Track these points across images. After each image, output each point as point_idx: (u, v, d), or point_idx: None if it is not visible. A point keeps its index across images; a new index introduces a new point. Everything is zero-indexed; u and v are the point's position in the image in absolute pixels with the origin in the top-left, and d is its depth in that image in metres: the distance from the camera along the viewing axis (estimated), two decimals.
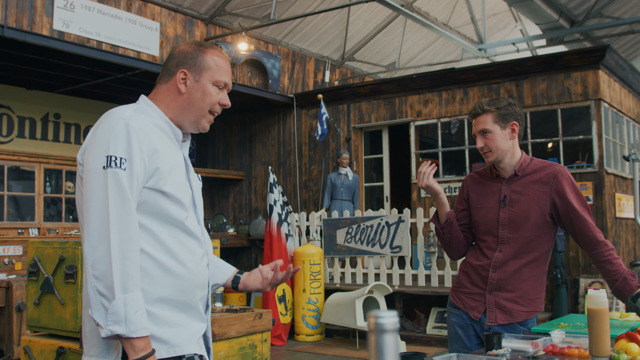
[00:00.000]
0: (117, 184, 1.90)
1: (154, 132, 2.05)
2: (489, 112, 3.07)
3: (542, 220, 2.98)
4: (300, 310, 8.81)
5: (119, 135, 1.95)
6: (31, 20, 8.18)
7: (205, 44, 2.24)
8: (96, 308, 1.85)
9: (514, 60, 9.88)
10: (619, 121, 9.86)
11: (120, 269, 1.84)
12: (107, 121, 2.01)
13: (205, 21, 10.64)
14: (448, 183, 9.82)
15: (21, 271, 8.43)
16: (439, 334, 8.26)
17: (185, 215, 2.05)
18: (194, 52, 2.18)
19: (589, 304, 2.42)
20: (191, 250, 2.06)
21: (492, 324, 3.00)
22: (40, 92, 10.73)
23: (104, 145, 1.95)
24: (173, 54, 2.22)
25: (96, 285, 1.85)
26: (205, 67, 2.16)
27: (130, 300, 1.84)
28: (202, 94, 2.16)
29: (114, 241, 1.86)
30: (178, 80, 2.14)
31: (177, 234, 2.03)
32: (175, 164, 2.08)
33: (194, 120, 2.19)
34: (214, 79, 2.17)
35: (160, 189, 1.99)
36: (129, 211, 1.90)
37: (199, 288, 2.09)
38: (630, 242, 9.90)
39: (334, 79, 13.53)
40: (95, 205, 1.90)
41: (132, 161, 1.93)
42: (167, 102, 2.16)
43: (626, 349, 2.31)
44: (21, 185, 9.73)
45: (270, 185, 9.35)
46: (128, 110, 2.05)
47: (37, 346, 4.38)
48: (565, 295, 8.37)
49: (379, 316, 0.91)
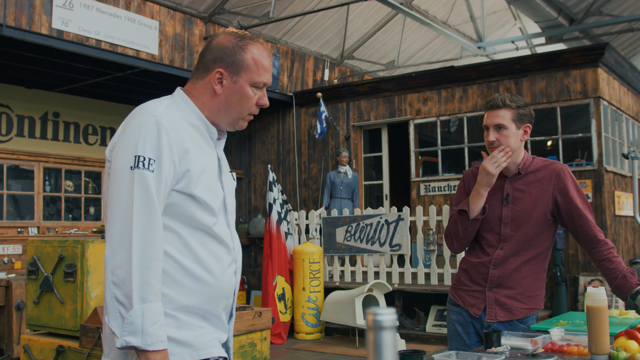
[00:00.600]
0: (144, 186, 1.80)
1: (187, 131, 1.94)
2: (509, 108, 2.99)
3: (544, 218, 2.98)
4: (300, 309, 8.81)
5: (149, 134, 1.84)
6: (30, 19, 8.17)
7: (246, 36, 2.05)
8: (113, 316, 1.77)
9: (513, 58, 9.88)
10: (618, 119, 9.86)
11: (140, 277, 1.75)
12: (137, 118, 1.91)
13: (204, 19, 10.63)
14: (447, 181, 9.82)
15: (21, 270, 8.44)
16: (438, 332, 8.27)
17: (214, 221, 1.95)
18: (233, 48, 2.00)
19: (588, 302, 2.42)
20: (219, 258, 1.97)
21: (492, 321, 3.00)
22: (40, 90, 10.72)
23: (132, 143, 1.84)
24: (211, 47, 2.05)
25: (114, 292, 1.76)
26: (244, 66, 2.00)
27: (148, 311, 1.74)
28: (239, 97, 2.01)
29: (136, 247, 1.77)
30: (214, 80, 2.00)
31: (205, 240, 1.93)
32: (207, 165, 1.97)
33: (230, 121, 2.06)
34: (253, 80, 2.01)
35: (190, 192, 1.89)
36: (154, 216, 1.81)
37: (223, 297, 2.00)
38: (630, 240, 9.90)
39: (333, 78, 13.52)
40: (119, 207, 1.81)
41: (161, 162, 1.83)
42: (203, 100, 2.03)
43: (625, 347, 2.31)
44: (20, 184, 9.73)
45: (270, 183, 9.35)
46: (161, 106, 1.94)
47: (37, 345, 4.38)
48: (565, 293, 8.38)
49: (377, 313, 0.91)
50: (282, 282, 8.92)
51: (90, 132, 11.26)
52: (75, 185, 10.50)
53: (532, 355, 2.37)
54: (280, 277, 8.91)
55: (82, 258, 4.19)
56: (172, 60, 10.01)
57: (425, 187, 10.06)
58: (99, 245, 4.29)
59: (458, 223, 3.06)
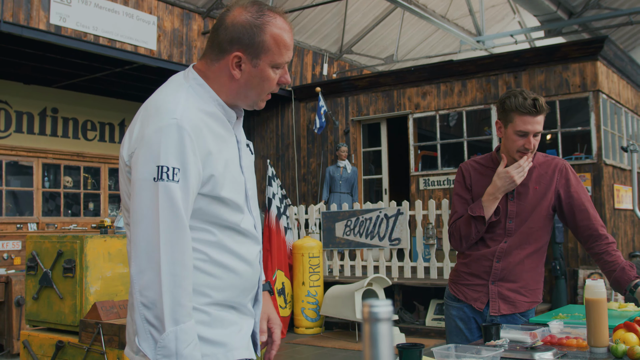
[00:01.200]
0: (170, 200, 1.69)
1: (207, 126, 1.80)
2: (545, 114, 2.90)
3: (547, 212, 2.97)
4: (300, 303, 8.82)
5: (171, 141, 1.70)
6: (28, 15, 8.15)
7: (264, 10, 1.85)
8: (144, 338, 1.69)
9: (512, 52, 9.87)
10: (617, 112, 9.86)
11: (171, 298, 1.67)
12: (156, 120, 1.74)
13: (202, 14, 10.62)
14: (447, 175, 9.82)
15: (20, 266, 8.44)
16: (438, 326, 8.28)
17: (241, 217, 1.88)
18: (252, 29, 1.81)
19: (587, 294, 2.42)
20: (248, 251, 1.92)
21: (495, 314, 2.99)
22: (38, 86, 10.71)
23: (154, 152, 1.70)
24: (225, 24, 1.84)
25: (145, 314, 1.68)
26: (265, 48, 1.83)
27: (181, 333, 1.67)
28: (259, 80, 1.86)
29: (165, 266, 1.67)
30: (232, 65, 1.83)
31: (234, 236, 1.87)
32: (229, 157, 1.86)
33: (250, 103, 1.93)
34: (275, 62, 1.86)
35: (217, 195, 1.80)
36: (182, 232, 1.70)
37: (252, 287, 1.97)
38: (629, 233, 9.91)
39: (332, 72, 13.51)
40: (144, 223, 1.69)
41: (186, 171, 1.71)
42: (220, 84, 1.88)
43: (624, 339, 2.31)
44: (19, 180, 9.73)
45: (269, 178, 9.34)
46: (180, 103, 1.78)
47: (36, 340, 4.38)
48: (564, 286, 8.39)
49: (373, 305, 0.91)
50: (282, 277, 8.92)
51: (89, 127, 11.25)
52: (75, 181, 10.50)
53: (531, 348, 2.37)
54: (279, 271, 8.91)
55: (81, 253, 4.19)
56: (171, 55, 10.00)
57: (425, 181, 10.06)
58: (98, 241, 4.29)
59: (472, 226, 2.99)
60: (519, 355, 2.28)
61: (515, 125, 2.87)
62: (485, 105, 9.62)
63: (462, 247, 3.08)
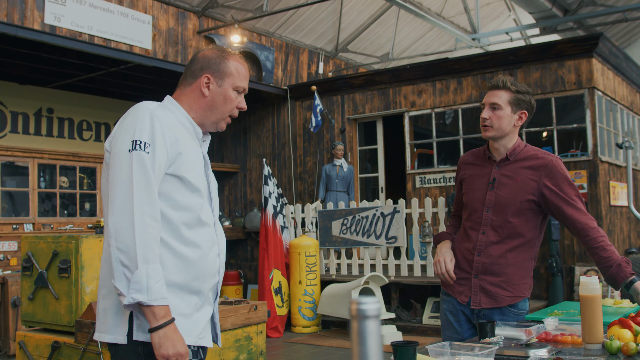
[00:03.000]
0: (141, 164, 2.06)
1: (177, 126, 2.22)
2: (507, 90, 3.05)
3: (527, 206, 2.98)
4: (297, 302, 8.82)
5: (144, 123, 2.12)
6: (22, 15, 8.14)
7: (227, 50, 2.39)
8: (119, 278, 2.00)
9: (507, 49, 9.87)
10: (612, 109, 9.87)
11: (142, 241, 1.99)
12: (134, 112, 2.18)
13: (197, 14, 10.61)
14: (443, 173, 9.83)
15: (16, 267, 8.42)
16: (435, 324, 8.28)
17: (201, 203, 2.22)
18: (217, 58, 2.32)
19: (581, 291, 2.43)
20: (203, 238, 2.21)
21: (476, 307, 3.03)
22: (33, 87, 10.68)
23: (130, 130, 2.11)
24: (197, 58, 2.36)
25: (119, 257, 2.00)
26: (227, 72, 2.32)
27: (152, 270, 1.99)
28: (223, 98, 2.33)
29: (137, 216, 2.01)
30: (202, 84, 2.30)
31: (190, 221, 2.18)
32: (194, 158, 2.24)
33: (214, 121, 2.35)
34: (235, 85, 2.33)
35: (181, 175, 2.16)
36: (151, 189, 2.06)
37: (209, 275, 2.24)
38: (625, 230, 9.92)
39: (327, 71, 13.50)
40: (120, 184, 2.06)
41: (154, 146, 2.09)
42: (190, 103, 2.32)
43: (619, 335, 2.31)
44: (15, 180, 9.71)
45: (265, 177, 9.34)
46: (154, 104, 2.23)
47: (32, 341, 4.37)
48: (561, 283, 8.40)
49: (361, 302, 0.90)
50: (279, 276, 8.92)
51: (84, 127, 11.23)
52: (70, 181, 10.48)
53: (526, 345, 2.37)
54: (276, 270, 8.91)
55: (77, 254, 4.18)
56: (166, 54, 9.99)
57: (421, 179, 10.06)
58: (93, 241, 4.29)
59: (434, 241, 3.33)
60: (514, 352, 2.28)
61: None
62: (481, 102, 9.62)
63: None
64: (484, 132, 3.06)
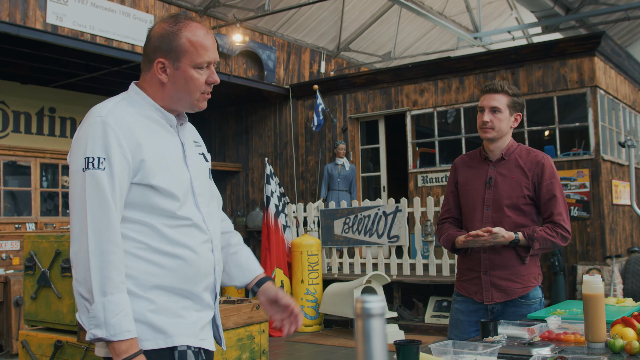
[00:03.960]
0: (96, 185, 1.86)
1: (140, 124, 1.97)
2: (506, 94, 3.16)
3: (523, 201, 3.13)
4: (299, 301, 8.82)
5: (96, 135, 1.90)
6: (24, 14, 8.14)
7: (180, 19, 2.04)
8: (81, 311, 1.86)
9: (509, 48, 9.87)
10: (615, 108, 9.86)
11: (98, 272, 1.83)
12: (86, 121, 1.97)
13: (199, 13, 10.61)
14: (445, 172, 9.82)
15: (19, 266, 8.43)
16: (437, 323, 8.28)
17: (177, 205, 1.99)
18: (168, 35, 2.00)
19: (584, 290, 2.42)
20: (190, 237, 2.01)
21: (489, 303, 3.13)
22: (35, 86, 10.69)
23: (82, 146, 1.91)
24: (149, 38, 2.05)
25: (78, 289, 1.85)
26: (182, 51, 1.99)
27: (109, 303, 1.82)
28: (184, 81, 2.01)
29: (92, 244, 1.84)
30: (157, 71, 2.02)
31: (172, 223, 1.98)
32: (167, 152, 2.00)
33: (186, 105, 2.07)
34: (194, 62, 2.00)
35: (148, 182, 1.94)
36: (107, 211, 1.86)
37: (201, 275, 2.03)
38: (628, 229, 9.91)
39: (329, 70, 13.50)
40: (75, 209, 1.89)
41: (111, 160, 1.88)
42: (154, 92, 2.05)
43: (622, 334, 2.31)
44: (17, 180, 9.71)
45: (267, 176, 9.34)
46: (108, 105, 2.00)
47: (35, 340, 4.38)
48: (563, 282, 8.39)
49: (366, 301, 0.90)
50: (281, 275, 8.92)
51: None
52: None
53: (529, 344, 2.37)
54: (278, 269, 8.92)
55: None
56: None
57: (423, 178, 10.06)
58: None
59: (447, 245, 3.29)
60: (517, 351, 2.28)
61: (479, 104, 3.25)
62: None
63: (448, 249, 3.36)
64: (484, 134, 3.18)
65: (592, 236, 8.64)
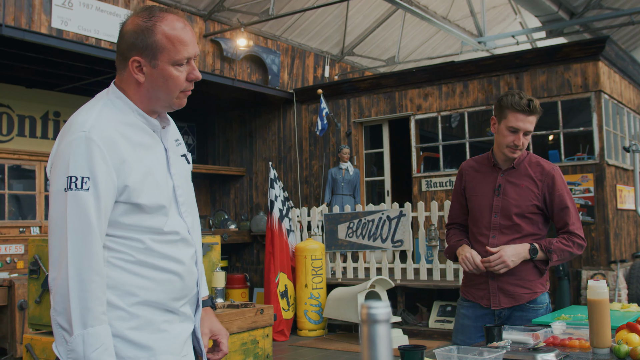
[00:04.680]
0: (78, 207, 1.73)
1: (123, 136, 1.85)
2: (538, 115, 3.11)
3: (532, 210, 3.12)
4: (303, 306, 8.82)
5: (80, 152, 1.76)
6: (29, 19, 8.17)
7: (154, 12, 1.88)
8: (59, 342, 1.75)
9: (513, 52, 9.86)
10: (619, 112, 9.84)
11: (78, 302, 1.71)
12: (67, 135, 1.81)
13: (204, 17, 10.63)
14: (449, 177, 9.81)
15: (23, 270, 8.44)
16: (441, 328, 8.26)
17: (164, 221, 1.90)
18: (143, 31, 1.84)
19: (589, 295, 2.42)
20: (176, 252, 1.93)
21: (496, 308, 3.12)
22: (40, 90, 10.72)
23: (64, 164, 1.77)
24: (122, 34, 1.89)
25: (57, 319, 1.74)
26: (158, 47, 1.85)
27: (88, 337, 1.71)
28: (163, 80, 1.87)
29: (72, 272, 1.71)
30: (133, 70, 1.87)
31: (160, 239, 1.90)
32: (151, 165, 1.90)
33: (165, 105, 1.94)
34: (173, 59, 1.86)
35: (135, 202, 1.83)
36: (90, 237, 1.74)
37: (186, 289, 1.98)
38: (632, 234, 9.89)
39: (333, 74, 13.51)
40: (54, 232, 1.76)
41: (96, 179, 1.75)
42: (132, 93, 1.91)
43: (627, 340, 2.30)
44: (22, 183, 9.73)
45: (271, 180, 9.34)
46: (92, 116, 1.84)
47: (39, 344, 4.38)
48: (567, 287, 8.37)
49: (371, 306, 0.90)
50: (285, 279, 8.92)
51: None
52: None
53: (534, 349, 2.37)
54: (282, 274, 8.91)
55: None
56: None
57: (427, 182, 10.05)
58: None
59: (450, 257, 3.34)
60: (521, 356, 2.28)
61: (508, 121, 3.07)
62: (487, 106, 9.62)
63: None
64: (512, 154, 3.13)
65: (597, 241, 8.62)
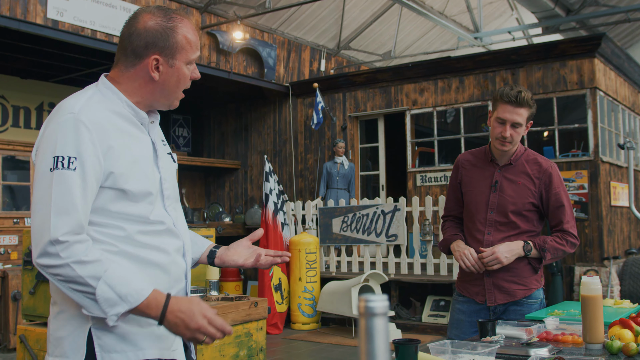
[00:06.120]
0: (64, 187, 1.72)
1: (112, 123, 1.85)
2: (528, 108, 3.06)
3: (528, 207, 3.11)
4: (296, 299, 8.83)
5: (68, 132, 1.75)
6: (25, 9, 8.13)
7: (172, 14, 1.94)
8: (88, 304, 1.73)
9: (509, 48, 9.87)
10: (614, 110, 9.87)
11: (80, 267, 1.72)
12: (55, 117, 1.82)
13: (200, 10, 10.60)
14: (444, 172, 9.83)
15: (17, 261, 8.43)
16: (434, 322, 8.29)
17: (150, 209, 1.89)
18: (165, 31, 1.89)
19: (582, 291, 2.43)
20: (162, 243, 1.92)
21: (492, 305, 3.12)
22: (35, 81, 10.68)
23: (51, 144, 1.76)
24: (138, 32, 1.90)
25: (70, 286, 1.73)
26: (179, 47, 1.91)
27: (109, 279, 1.71)
28: (177, 79, 1.94)
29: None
30: (151, 68, 1.90)
31: (144, 229, 1.87)
32: (139, 154, 1.89)
33: (167, 103, 1.99)
34: (189, 59, 1.94)
35: (121, 187, 1.82)
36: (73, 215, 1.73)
37: (173, 282, 1.95)
38: (625, 230, 9.93)
39: (329, 68, 13.50)
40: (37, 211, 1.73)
41: (83, 159, 1.74)
42: (134, 88, 1.93)
43: (619, 336, 2.32)
44: (16, 174, 9.70)
45: (266, 174, 9.34)
46: (81, 100, 1.85)
47: (33, 335, 4.38)
48: (561, 283, 8.40)
49: (369, 300, 0.91)
50: (279, 273, 8.93)
51: None
52: None
53: (527, 344, 2.38)
54: (276, 267, 8.92)
55: None
56: None
57: (422, 177, 10.07)
58: None
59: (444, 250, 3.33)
60: (515, 351, 2.29)
61: (497, 112, 3.07)
62: (483, 101, 9.63)
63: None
64: (501, 146, 3.09)
65: (590, 237, 8.66)
